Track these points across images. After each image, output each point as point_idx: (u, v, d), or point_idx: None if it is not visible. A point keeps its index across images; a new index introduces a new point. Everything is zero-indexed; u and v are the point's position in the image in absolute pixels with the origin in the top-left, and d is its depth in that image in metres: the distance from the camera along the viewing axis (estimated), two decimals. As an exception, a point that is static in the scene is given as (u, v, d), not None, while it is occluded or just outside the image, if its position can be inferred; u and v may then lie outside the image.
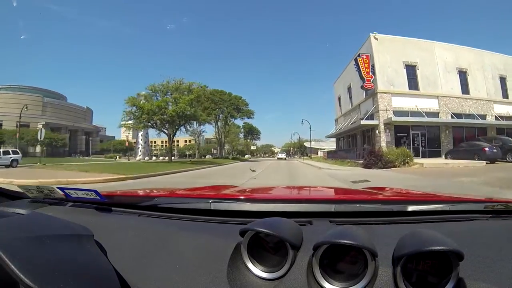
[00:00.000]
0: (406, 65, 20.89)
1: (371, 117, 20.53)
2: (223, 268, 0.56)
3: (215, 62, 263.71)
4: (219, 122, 43.74)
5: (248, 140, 76.43)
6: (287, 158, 54.12)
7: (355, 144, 24.59)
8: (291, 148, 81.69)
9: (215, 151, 64.51)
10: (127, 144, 45.37)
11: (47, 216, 0.67)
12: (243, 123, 74.33)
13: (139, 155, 42.57)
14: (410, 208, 0.81)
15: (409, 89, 20.59)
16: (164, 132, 23.87)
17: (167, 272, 0.58)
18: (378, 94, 19.82)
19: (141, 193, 1.22)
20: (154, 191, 1.28)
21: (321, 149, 65.08)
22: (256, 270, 0.56)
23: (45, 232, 0.52)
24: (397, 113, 19.37)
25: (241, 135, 71.64)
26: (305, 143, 72.78)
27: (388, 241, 0.57)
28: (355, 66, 20.79)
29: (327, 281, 0.51)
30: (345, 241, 0.49)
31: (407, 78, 20.72)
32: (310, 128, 41.34)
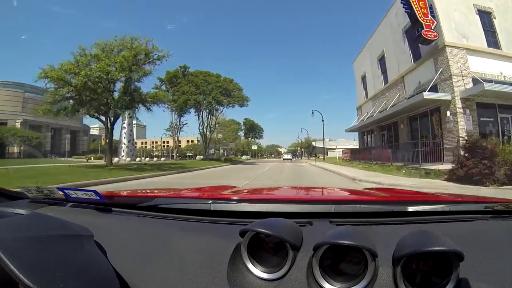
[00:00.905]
0: (478, 10, 12.82)
1: (432, 91, 12.24)
2: (223, 268, 0.56)
3: (215, 62, 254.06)
4: (203, 112, 32.91)
5: (250, 138, 67.98)
6: (293, 159, 48.31)
7: (395, 137, 16.54)
8: (298, 148, 73.64)
9: (217, 151, 56.30)
10: (103, 143, 35.15)
11: (47, 216, 0.67)
12: (244, 119, 65.13)
13: (122, 156, 35.28)
14: (410, 208, 0.80)
15: (488, 46, 12.60)
16: (100, 120, 15.00)
17: (167, 273, 0.58)
18: (446, 49, 11.78)
19: (141, 193, 1.22)
20: (155, 191, 1.27)
21: (331, 148, 58.64)
22: (256, 270, 0.56)
23: (44, 232, 0.52)
24: (477, 82, 11.38)
25: (242, 133, 63.45)
26: (313, 142, 65.36)
27: (388, 242, 0.56)
28: (404, 4, 12.58)
29: (327, 282, 0.51)
30: (345, 242, 0.49)
31: (483, 30, 12.68)
32: (323, 121, 32.27)
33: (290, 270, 0.54)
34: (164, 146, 78.45)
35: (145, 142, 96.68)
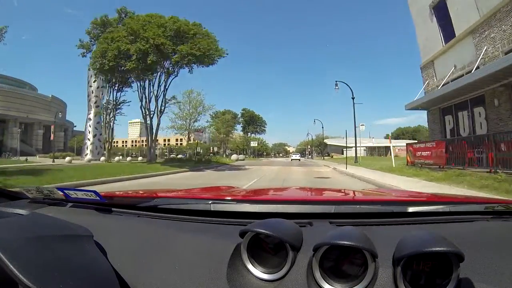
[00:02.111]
0: None
1: None
2: (222, 269, 0.56)
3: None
4: (146, 80, 19.44)
5: (250, 133, 58.57)
6: (301, 159, 41.99)
7: None
8: (308, 146, 65.16)
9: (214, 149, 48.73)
10: (52, 137, 27.72)
11: (46, 216, 0.67)
12: (242, 110, 55.65)
13: (86, 154, 28.04)
14: (411, 209, 0.80)
15: None
16: None
17: (167, 273, 0.58)
18: None
19: (141, 193, 1.22)
20: (154, 192, 1.26)
21: (345, 146, 52.85)
22: (256, 271, 0.56)
23: (44, 232, 0.53)
24: None
25: (239, 127, 54.79)
26: (325, 140, 56.88)
27: (388, 242, 0.56)
28: None
29: (327, 283, 0.51)
30: (345, 242, 0.49)
31: None
32: (353, 98, 20.61)
33: (290, 270, 0.54)
34: (164, 144, 77.29)
35: (145, 140, 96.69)
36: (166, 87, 20.20)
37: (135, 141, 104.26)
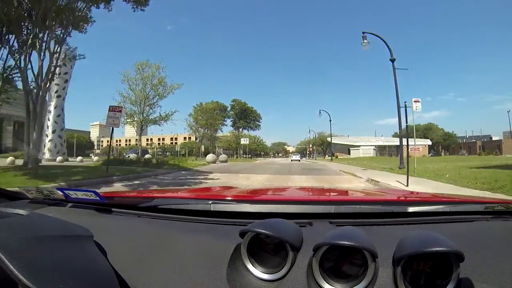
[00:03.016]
0: None
1: None
2: (222, 269, 0.56)
3: (216, 62, 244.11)
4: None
5: (241, 130, 48.89)
6: (301, 160, 37.44)
7: None
8: (310, 145, 59.43)
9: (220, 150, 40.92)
10: None
11: (46, 217, 0.68)
12: (232, 101, 45.58)
13: (44, 153, 24.27)
14: (411, 209, 0.80)
15: None
16: None
17: (167, 273, 0.58)
18: None
19: (141, 194, 1.23)
20: (154, 192, 1.28)
21: (353, 146, 48.43)
22: (256, 271, 0.56)
23: (44, 233, 0.53)
24: None
25: (229, 121, 46.24)
26: (329, 138, 48.72)
27: (389, 242, 0.56)
28: None
29: (327, 283, 0.51)
30: (345, 242, 0.49)
31: None
32: (392, 60, 12.08)
33: (290, 270, 0.54)
34: (158, 144, 76.36)
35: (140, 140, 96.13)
36: (65, 36, 10.91)
37: (129, 140, 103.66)
